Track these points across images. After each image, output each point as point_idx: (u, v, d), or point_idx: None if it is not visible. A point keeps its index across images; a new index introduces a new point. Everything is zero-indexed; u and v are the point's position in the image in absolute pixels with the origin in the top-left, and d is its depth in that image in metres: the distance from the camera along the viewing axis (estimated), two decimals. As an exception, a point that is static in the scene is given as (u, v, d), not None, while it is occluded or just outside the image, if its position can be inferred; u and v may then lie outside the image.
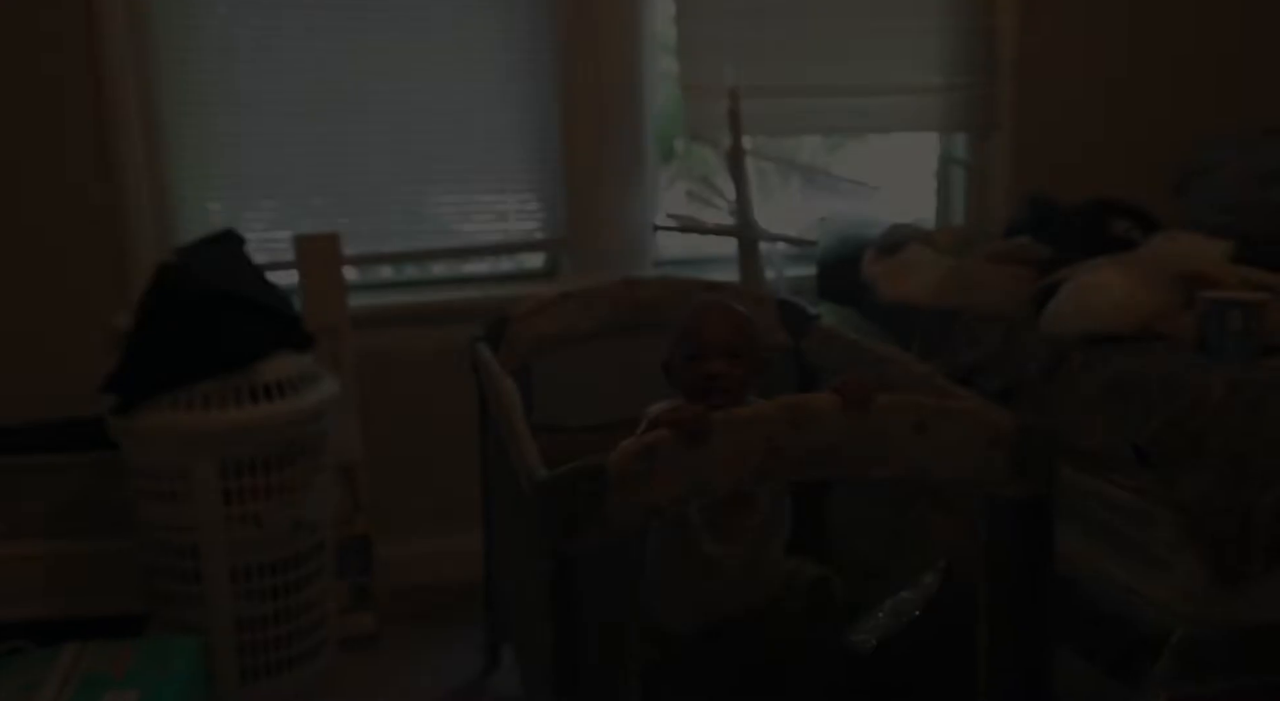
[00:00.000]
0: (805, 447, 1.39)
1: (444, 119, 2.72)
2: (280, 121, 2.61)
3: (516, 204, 2.81)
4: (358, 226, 2.69)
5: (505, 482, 1.93)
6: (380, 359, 2.67)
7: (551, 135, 2.78)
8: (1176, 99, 3.11)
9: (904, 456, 1.43)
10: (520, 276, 2.94)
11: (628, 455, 1.35)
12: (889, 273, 2.43)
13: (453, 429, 2.57)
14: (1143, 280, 1.99)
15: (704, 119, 2.82)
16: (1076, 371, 1.87)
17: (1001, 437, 1.44)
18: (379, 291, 2.81)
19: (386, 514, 2.67)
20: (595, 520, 1.35)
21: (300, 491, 2.19)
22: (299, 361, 2.21)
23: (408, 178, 2.72)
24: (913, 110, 2.98)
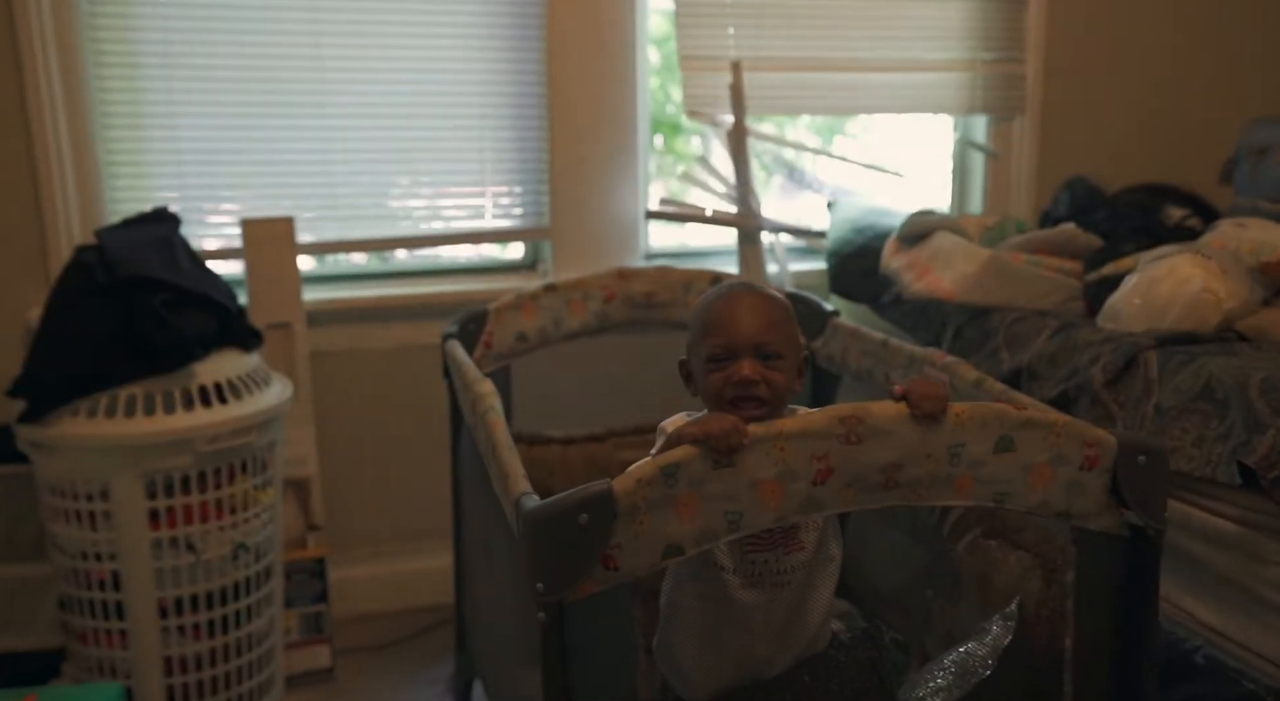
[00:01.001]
0: (862, 469, 1.12)
1: (415, 96, 2.45)
2: (227, 90, 2.32)
3: (495, 188, 2.53)
4: (315, 211, 2.43)
5: (482, 502, 1.66)
6: (339, 359, 2.45)
7: (534, 114, 2.50)
8: (1219, 80, 2.89)
9: (980, 480, 1.16)
10: (498, 268, 2.67)
11: (642, 480, 1.08)
12: (914, 264, 2.17)
13: (420, 438, 2.43)
14: (1219, 272, 1.74)
15: (703, 95, 2.55)
16: (1153, 376, 1.61)
17: (1100, 458, 1.18)
18: (338, 283, 2.55)
19: (344, 534, 2.48)
20: (598, 562, 1.07)
21: (243, 511, 1.94)
22: (243, 361, 1.96)
23: (373, 159, 2.45)
24: (931, 89, 2.72)
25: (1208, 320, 1.71)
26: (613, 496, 1.07)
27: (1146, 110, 2.85)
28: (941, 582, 1.59)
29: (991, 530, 1.48)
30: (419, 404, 2.42)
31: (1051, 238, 2.11)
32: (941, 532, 1.58)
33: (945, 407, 1.12)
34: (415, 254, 2.61)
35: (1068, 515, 1.20)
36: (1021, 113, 2.80)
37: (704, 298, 1.29)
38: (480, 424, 1.43)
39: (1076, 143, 2.78)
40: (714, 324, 1.23)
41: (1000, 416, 1.15)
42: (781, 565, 1.19)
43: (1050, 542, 1.39)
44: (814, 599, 1.21)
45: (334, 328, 2.42)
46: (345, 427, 2.46)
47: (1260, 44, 2.90)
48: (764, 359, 1.20)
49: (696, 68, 2.54)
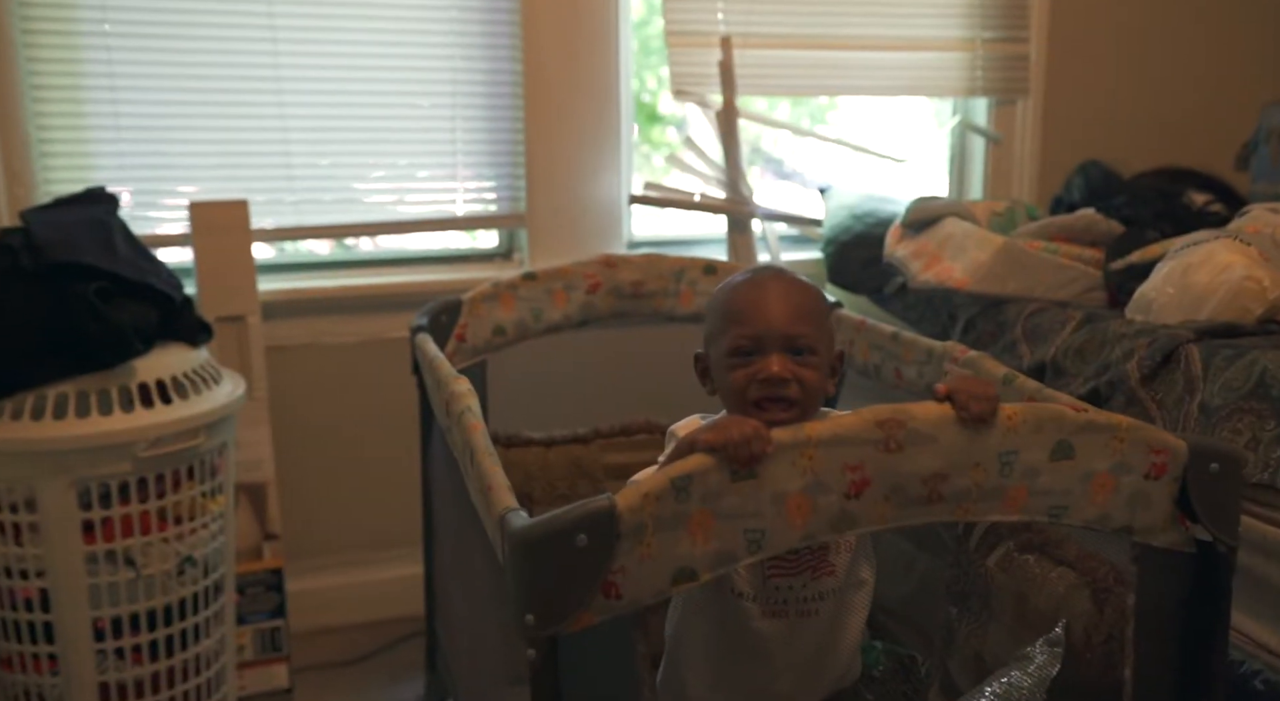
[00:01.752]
0: (902, 480, 0.98)
1: (381, 70, 2.28)
2: (174, 62, 2.15)
3: (466, 171, 2.37)
4: (271, 194, 2.26)
5: (457, 510, 1.50)
6: (297, 354, 2.30)
7: (508, 91, 2.34)
8: (1233, 61, 2.79)
9: (1035, 492, 1.03)
10: (469, 258, 2.52)
11: (649, 494, 0.93)
12: (922, 252, 2.04)
13: (386, 439, 2.28)
14: (1261, 259, 1.62)
15: (691, 73, 2.40)
16: (1196, 371, 1.48)
17: (1168, 466, 1.04)
18: (296, 273, 2.38)
19: (303, 542, 2.34)
20: (598, 590, 0.92)
21: (190, 521, 1.78)
22: (191, 357, 1.80)
23: (335, 138, 2.29)
24: (931, 70, 2.59)
25: (1250, 310, 1.59)
26: (615, 513, 0.92)
27: (1156, 92, 2.73)
28: (967, 600, 1.45)
29: (1027, 543, 1.34)
30: (385, 402, 2.27)
31: (1070, 224, 1.98)
32: (968, 545, 1.44)
33: (996, 409, 0.98)
34: (380, 242, 2.45)
35: (1129, 530, 1.06)
36: (1024, 95, 2.68)
37: (726, 283, 1.14)
38: (456, 427, 1.28)
39: (1082, 127, 2.67)
40: (738, 312, 1.08)
41: (1058, 419, 1.01)
42: (808, 592, 1.04)
43: (1096, 558, 1.25)
44: (844, 629, 1.06)
45: (292, 320, 2.27)
46: (304, 428, 2.30)
47: (1273, 23, 2.79)
48: (795, 354, 1.06)
49: (684, 43, 2.39)
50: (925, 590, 1.52)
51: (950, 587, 1.51)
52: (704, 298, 1.96)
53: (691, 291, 1.94)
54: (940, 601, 1.54)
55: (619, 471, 1.95)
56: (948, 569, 1.54)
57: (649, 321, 1.94)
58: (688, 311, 1.95)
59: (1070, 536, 1.30)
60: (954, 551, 1.51)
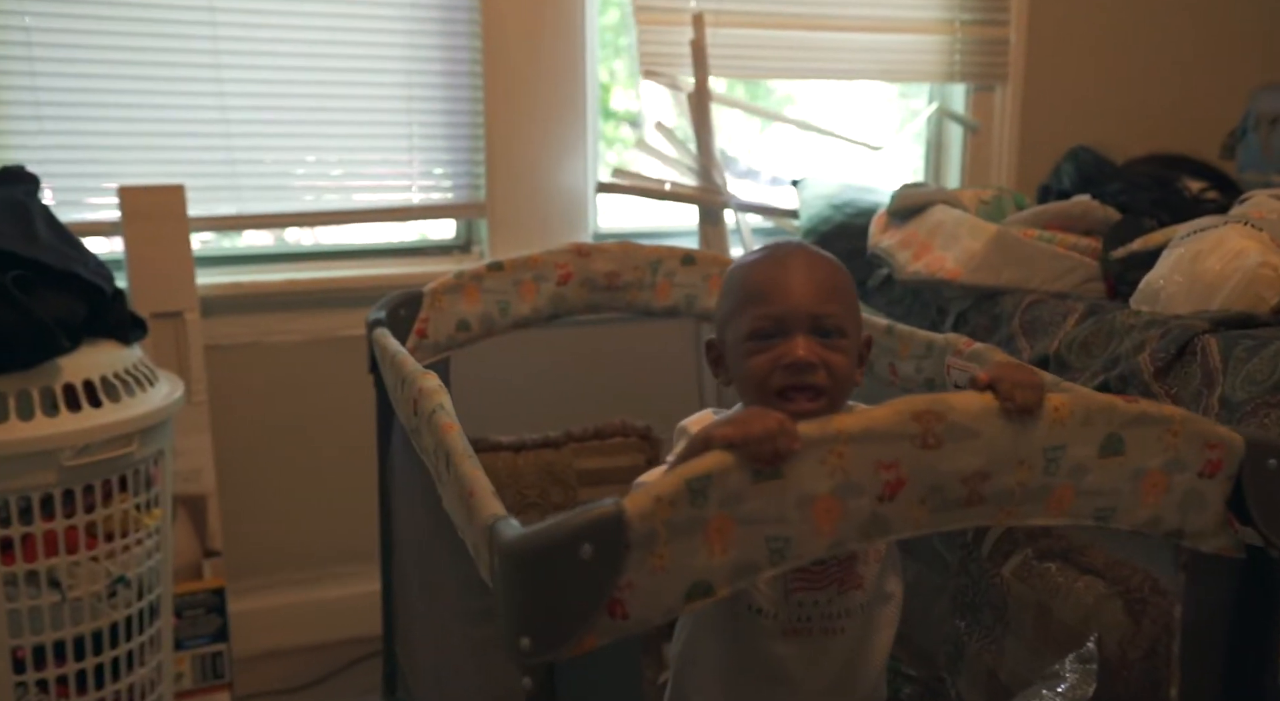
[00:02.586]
0: (941, 480, 0.90)
1: (329, 47, 2.17)
2: (100, 32, 2.01)
3: (422, 157, 2.26)
4: (210, 180, 2.13)
5: (425, 521, 1.40)
6: (240, 354, 2.18)
7: (466, 70, 2.24)
8: (1217, 47, 2.77)
9: (1082, 492, 0.95)
10: (426, 250, 2.41)
11: (662, 498, 0.83)
12: (910, 242, 1.96)
13: (339, 445, 2.19)
14: (1273, 245, 1.56)
15: (661, 53, 2.31)
16: (1215, 364, 1.42)
17: (1224, 462, 0.97)
18: (238, 266, 2.26)
19: (247, 559, 2.22)
20: (603, 609, 0.82)
21: (122, 537, 1.65)
22: (122, 356, 1.68)
23: (280, 120, 2.17)
24: (909, 53, 2.53)
25: (1265, 299, 1.53)
26: (624, 520, 0.82)
27: (1140, 78, 2.70)
28: (978, 613, 1.37)
29: (1047, 550, 1.27)
30: (336, 405, 2.16)
31: (1066, 211, 1.92)
32: (978, 553, 1.37)
33: (1043, 399, 0.90)
34: (330, 233, 2.33)
35: (1180, 534, 0.99)
36: (1003, 81, 2.63)
37: (741, 259, 1.04)
38: (427, 428, 1.17)
39: (1063, 114, 2.63)
40: (758, 290, 0.98)
41: (1108, 410, 0.93)
42: (834, 607, 0.95)
43: (1128, 565, 1.18)
44: (871, 649, 0.97)
45: (234, 317, 2.15)
46: (248, 434, 2.18)
47: (1260, 7, 2.78)
48: (822, 336, 0.96)
49: (653, 20, 2.30)
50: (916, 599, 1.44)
51: (958, 599, 1.43)
52: (682, 290, 1.87)
53: (669, 283, 1.85)
54: (945, 614, 1.46)
55: (593, 477, 1.86)
56: (953, 578, 1.46)
57: (624, 315, 1.85)
58: (664, 305, 1.86)
59: (1095, 542, 1.23)
60: (961, 559, 1.43)
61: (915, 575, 1.50)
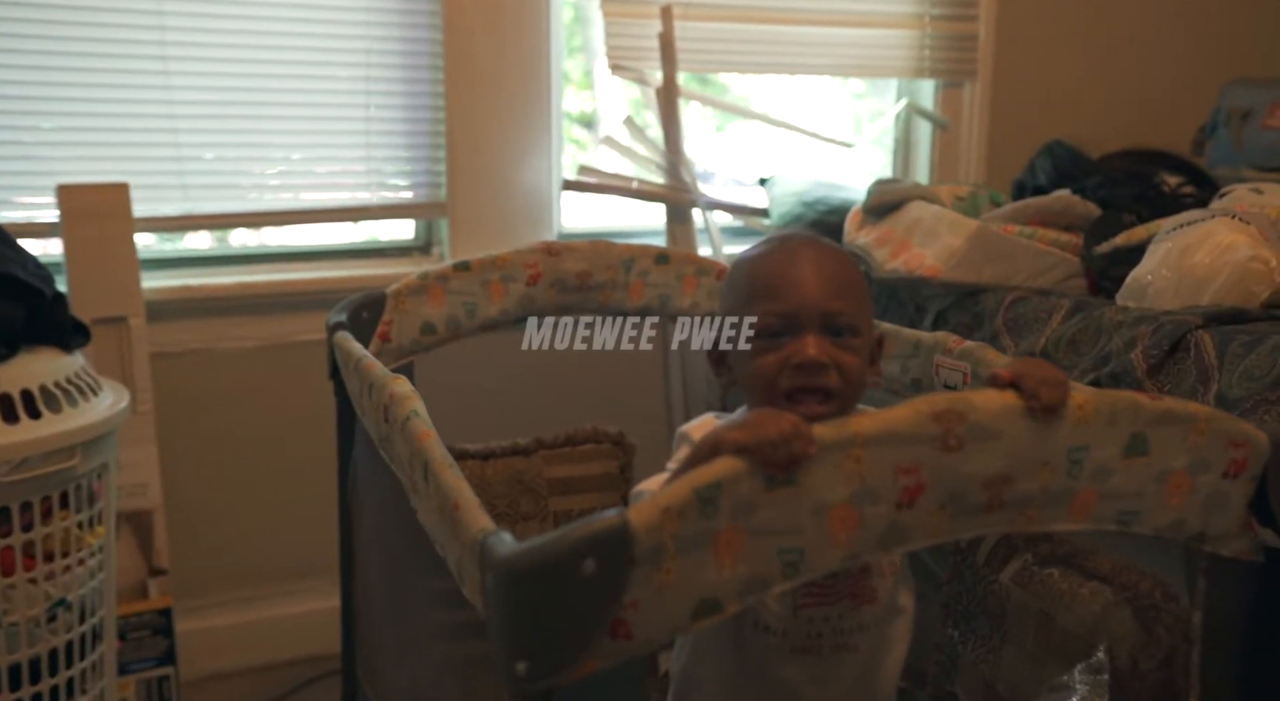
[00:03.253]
0: (962, 484, 0.85)
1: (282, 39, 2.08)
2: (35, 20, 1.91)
3: (381, 154, 2.18)
4: (156, 178, 2.04)
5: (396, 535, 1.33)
6: (188, 361, 2.10)
7: (425, 63, 2.17)
8: (1188, 43, 2.77)
9: (1105, 495, 0.91)
10: (384, 251, 2.33)
11: (670, 508, 0.77)
12: (887, 239, 1.93)
13: (294, 455, 2.12)
14: (1262, 239, 1.54)
15: (629, 46, 2.26)
16: (1210, 360, 1.39)
17: (1249, 462, 0.93)
18: (186, 268, 2.17)
19: (196, 576, 2.13)
20: (606, 629, 0.76)
21: (62, 557, 1.56)
22: (64, 364, 1.60)
23: (230, 116, 2.08)
24: (878, 49, 2.50)
25: (1255, 294, 1.51)
26: (630, 533, 0.76)
27: (1110, 74, 2.70)
28: (973, 622, 1.33)
29: (1049, 555, 1.23)
30: (292, 413, 2.09)
31: (1046, 206, 1.90)
32: (973, 559, 1.32)
33: (1067, 396, 0.86)
34: (283, 234, 2.25)
35: (1202, 538, 0.95)
36: (972, 78, 2.61)
37: (745, 253, 0.99)
38: (400, 436, 1.10)
39: (1033, 110, 2.62)
40: (766, 285, 0.93)
41: (1133, 408, 0.89)
42: (846, 623, 0.90)
43: (1136, 570, 1.14)
44: (883, 667, 0.92)
45: (182, 322, 2.07)
46: (197, 445, 2.10)
47: (1229, 1, 2.79)
48: (834, 335, 0.91)
49: (621, 13, 2.25)
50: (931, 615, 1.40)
51: (950, 607, 1.39)
52: (656, 290, 1.82)
53: (642, 283, 1.80)
54: (936, 623, 1.42)
55: (564, 485, 1.80)
56: (945, 585, 1.42)
57: (596, 316, 1.79)
58: (638, 305, 1.81)
59: (1100, 546, 1.19)
60: (954, 565, 1.39)
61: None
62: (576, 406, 1.90)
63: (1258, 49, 2.76)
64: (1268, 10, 2.81)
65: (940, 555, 1.42)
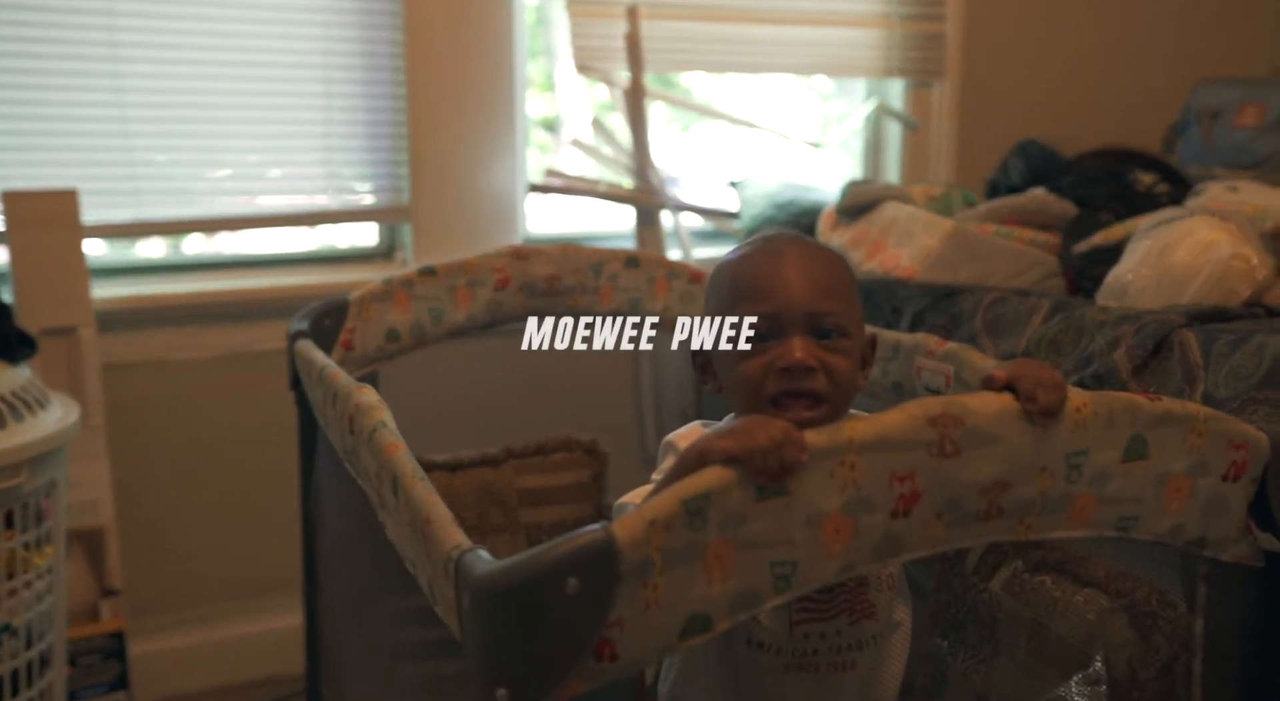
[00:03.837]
0: (959, 491, 0.82)
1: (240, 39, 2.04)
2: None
3: (341, 158, 2.13)
4: (107, 184, 1.98)
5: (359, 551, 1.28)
6: (141, 373, 2.05)
7: (387, 65, 2.13)
8: (1158, 42, 2.79)
9: (1104, 500, 0.88)
10: (345, 257, 2.29)
11: (657, 521, 0.74)
12: (862, 240, 1.91)
13: (252, 469, 2.09)
14: (1242, 237, 1.53)
15: (595, 47, 2.23)
16: (1196, 360, 1.37)
17: (1249, 464, 0.91)
18: (139, 277, 2.11)
19: (151, 597, 2.09)
20: (590, 650, 0.73)
21: (9, 579, 1.52)
22: (10, 377, 1.55)
23: (185, 119, 2.02)
24: (846, 48, 2.49)
25: (1237, 292, 1.50)
26: (615, 548, 0.72)
27: (1079, 74, 2.71)
28: (962, 631, 1.30)
29: (1040, 562, 1.20)
30: (251, 425, 2.05)
31: (1022, 205, 1.88)
32: (961, 567, 1.29)
33: (1065, 398, 0.83)
34: (241, 240, 2.21)
35: (1202, 543, 0.93)
36: (940, 77, 2.60)
37: (729, 254, 0.95)
38: (367, 448, 1.06)
39: (1002, 110, 2.61)
40: (750, 286, 0.89)
41: (1131, 409, 0.86)
42: (844, 639, 0.86)
43: (1131, 576, 1.11)
44: (881, 684, 0.89)
45: (135, 333, 2.01)
46: (151, 460, 2.05)
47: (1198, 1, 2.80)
48: (821, 337, 0.88)
49: (586, 14, 2.21)
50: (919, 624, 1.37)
51: (938, 617, 1.36)
52: (626, 294, 1.78)
53: (612, 287, 1.76)
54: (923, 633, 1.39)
55: (535, 496, 1.75)
56: (932, 594, 1.39)
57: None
58: (608, 309, 1.77)
59: (1093, 552, 1.17)
60: (941, 574, 1.36)
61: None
62: (546, 414, 1.86)
63: (1227, 49, 2.77)
64: (1237, 11, 2.83)
65: (926, 563, 1.39)
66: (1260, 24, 2.85)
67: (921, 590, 1.39)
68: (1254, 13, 2.85)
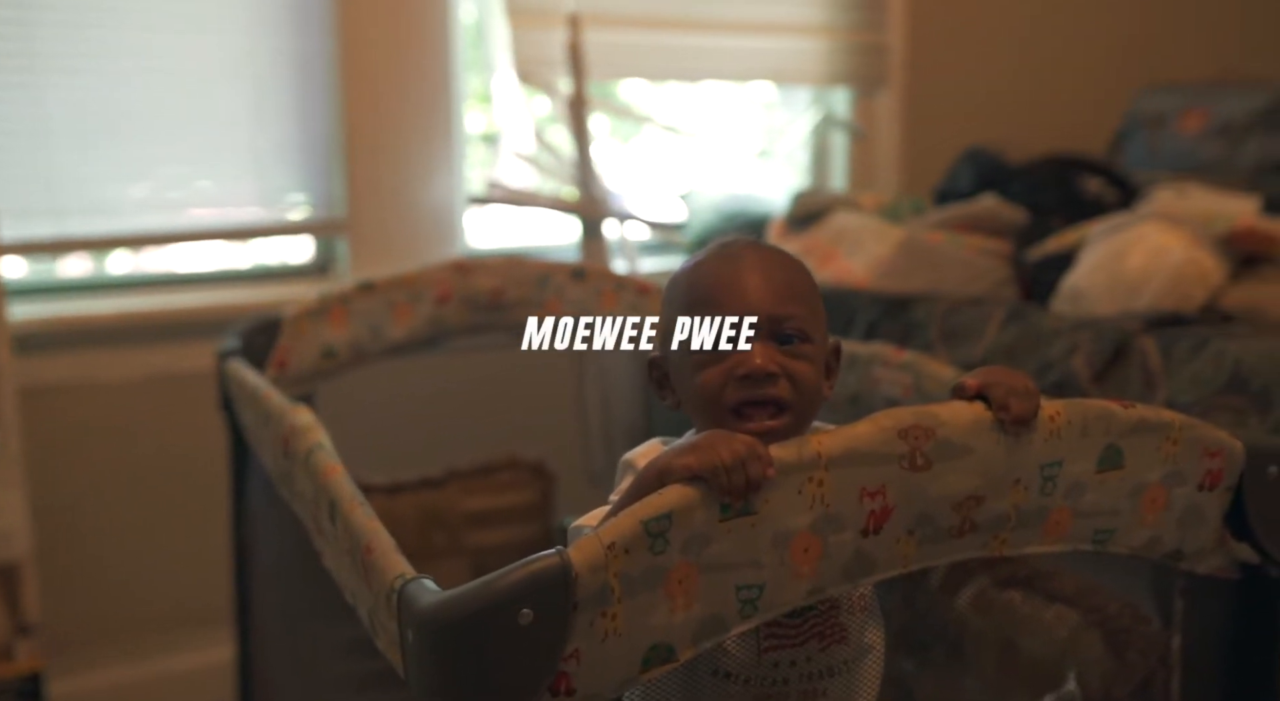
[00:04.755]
0: (931, 506, 0.79)
1: (161, 45, 1.97)
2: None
3: (273, 170, 2.07)
4: (20, 199, 1.90)
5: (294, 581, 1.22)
6: (62, 397, 1.97)
7: (320, 71, 2.07)
8: (1102, 49, 2.81)
9: (1080, 513, 0.85)
10: (278, 274, 2.22)
11: (615, 545, 0.69)
12: (813, 250, 1.89)
13: (180, 497, 2.02)
14: (1194, 242, 1.53)
15: (536, 55, 2.19)
16: (1154, 366, 1.36)
17: (1224, 472, 0.89)
18: (57, 296, 2.03)
19: (71, 632, 2.00)
20: (544, 685, 0.68)
21: None
22: None
23: (103, 129, 1.95)
24: (789, 57, 2.48)
25: (1192, 296, 1.50)
26: (571, 575, 0.68)
27: (1024, 81, 2.73)
28: (928, 651, 1.27)
29: (1009, 577, 1.17)
30: (178, 450, 1.98)
31: (973, 213, 1.87)
32: (926, 583, 1.26)
33: (1038, 407, 0.80)
34: (166, 257, 2.13)
35: (1178, 555, 0.90)
36: (884, 85, 2.59)
37: (688, 262, 0.91)
38: (304, 472, 1.00)
39: (948, 117, 2.62)
40: (707, 293, 0.85)
41: (1105, 417, 0.83)
42: (815, 666, 0.82)
43: (1102, 591, 1.09)
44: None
45: (54, 355, 1.94)
46: (72, 489, 1.97)
47: (1141, 9, 2.83)
48: (782, 342, 0.84)
49: (527, 23, 2.17)
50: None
51: (903, 637, 1.33)
52: (573, 307, 1.73)
53: (558, 300, 1.71)
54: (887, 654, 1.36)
55: (481, 518, 1.70)
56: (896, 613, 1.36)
57: (510, 337, 1.70)
58: (555, 324, 1.72)
59: (1062, 567, 1.14)
60: (905, 590, 1.33)
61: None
62: (489, 433, 1.80)
63: (1170, 56, 2.80)
64: (1179, 17, 2.86)
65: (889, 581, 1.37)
66: (1201, 32, 2.89)
67: (884, 609, 1.36)
68: (1195, 20, 2.89)
